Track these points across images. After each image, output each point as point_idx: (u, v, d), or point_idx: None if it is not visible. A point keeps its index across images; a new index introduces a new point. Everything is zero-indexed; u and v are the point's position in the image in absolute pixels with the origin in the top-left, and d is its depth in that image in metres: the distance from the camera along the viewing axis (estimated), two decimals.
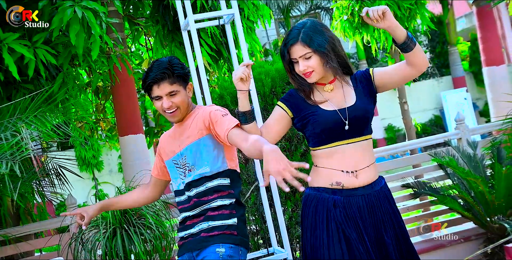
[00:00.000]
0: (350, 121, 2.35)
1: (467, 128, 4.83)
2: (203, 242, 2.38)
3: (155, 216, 3.63)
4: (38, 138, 4.02)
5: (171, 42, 4.93)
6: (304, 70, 2.36)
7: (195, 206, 2.44)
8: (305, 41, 2.33)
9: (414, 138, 6.70)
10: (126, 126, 5.16)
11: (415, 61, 2.33)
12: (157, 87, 2.41)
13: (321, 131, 2.38)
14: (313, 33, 2.35)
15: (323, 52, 2.34)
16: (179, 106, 2.44)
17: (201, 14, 3.23)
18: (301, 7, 17.36)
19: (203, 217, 2.41)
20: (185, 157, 2.47)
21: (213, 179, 2.42)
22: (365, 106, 2.39)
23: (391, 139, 16.24)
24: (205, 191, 2.42)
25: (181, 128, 2.53)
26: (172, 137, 2.58)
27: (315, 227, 2.39)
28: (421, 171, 4.96)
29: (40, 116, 3.71)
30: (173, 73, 2.41)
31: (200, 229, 2.41)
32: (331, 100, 2.41)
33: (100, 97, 6.59)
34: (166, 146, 2.61)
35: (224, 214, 2.40)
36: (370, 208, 2.40)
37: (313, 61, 2.35)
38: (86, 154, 13.68)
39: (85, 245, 3.41)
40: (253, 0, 4.76)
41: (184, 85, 2.47)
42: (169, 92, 2.41)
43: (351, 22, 5.97)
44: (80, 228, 3.39)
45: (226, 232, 2.38)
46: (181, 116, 2.48)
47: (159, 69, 2.39)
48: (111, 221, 3.44)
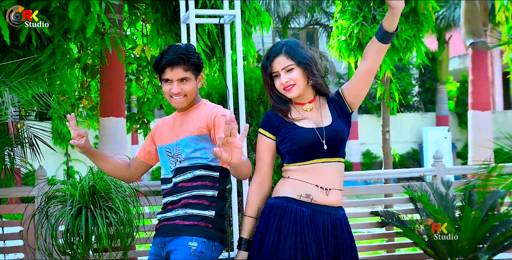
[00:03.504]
0: (327, 140, 2.33)
1: (443, 167, 4.91)
2: (176, 230, 2.36)
3: (123, 201, 3.60)
4: (19, 104, 3.98)
5: (167, 32, 4.90)
6: (286, 83, 2.33)
7: (178, 191, 2.43)
8: (289, 53, 2.34)
9: (390, 167, 6.76)
10: (109, 108, 5.13)
11: (382, 55, 2.33)
12: (170, 71, 2.40)
13: (298, 148, 2.34)
14: (296, 47, 2.37)
15: (306, 65, 2.33)
16: (187, 94, 2.44)
17: (203, 10, 3.24)
18: (301, 20, 17.48)
19: (182, 203, 2.40)
20: (179, 148, 2.47)
21: (201, 169, 2.42)
22: (340, 127, 2.38)
23: (367, 164, 16.38)
24: (192, 178, 2.42)
25: (182, 119, 2.53)
26: (171, 125, 2.58)
27: (278, 239, 2.30)
28: (392, 201, 5.01)
29: (25, 83, 3.68)
30: (189, 60, 2.42)
31: (176, 214, 2.40)
32: (309, 118, 2.39)
33: (87, 75, 6.54)
34: (162, 132, 2.61)
35: (203, 204, 2.39)
36: (333, 229, 2.35)
37: (295, 74, 2.33)
38: (63, 128, 13.50)
39: (48, 218, 3.37)
40: (256, 5, 4.78)
41: (196, 75, 2.48)
42: (181, 79, 2.42)
43: (348, 44, 6.03)
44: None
45: (201, 223, 2.36)
46: (186, 104, 2.48)
47: (176, 54, 2.39)
48: (78, 199, 3.41)
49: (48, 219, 3.37)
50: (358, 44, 5.97)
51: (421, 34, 5.99)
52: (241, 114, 3.34)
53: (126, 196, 3.65)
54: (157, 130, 2.64)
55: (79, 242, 3.29)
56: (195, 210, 2.38)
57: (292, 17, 16.54)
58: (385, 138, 6.81)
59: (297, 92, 2.36)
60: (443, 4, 14.86)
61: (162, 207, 2.54)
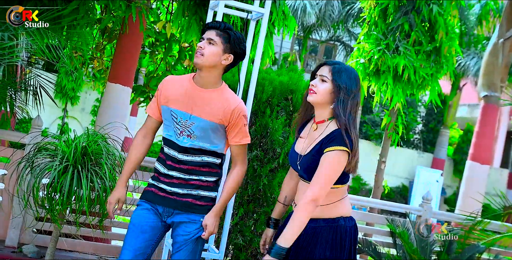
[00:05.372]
0: (301, 166, 2.51)
1: (430, 209, 4.89)
2: (188, 207, 2.61)
3: (111, 169, 3.56)
4: (32, 50, 3.95)
5: (192, 14, 4.87)
6: (311, 86, 2.48)
7: (188, 172, 2.61)
8: (334, 69, 2.45)
9: (378, 197, 6.74)
10: (118, 74, 5.12)
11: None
12: (208, 32, 2.59)
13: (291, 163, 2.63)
14: (344, 71, 2.45)
15: (339, 87, 2.42)
16: (205, 54, 2.54)
17: (234, 1, 3.23)
18: (323, 34, 17.49)
19: (193, 184, 2.62)
20: (193, 124, 2.57)
21: (209, 155, 2.62)
22: (312, 161, 2.44)
23: (355, 188, 16.37)
24: (202, 163, 2.61)
25: (199, 94, 2.58)
26: (183, 92, 2.60)
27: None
28: (372, 231, 4.98)
29: (43, 31, 3.65)
30: (225, 29, 2.58)
31: (188, 193, 2.61)
32: (306, 140, 2.54)
33: (104, 38, 6.50)
34: (170, 93, 2.63)
35: (210, 187, 2.65)
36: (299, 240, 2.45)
37: (323, 86, 2.44)
38: (67, 84, 13.43)
39: (33, 169, 3.32)
40: (285, 9, 4.76)
41: (225, 48, 2.57)
42: (210, 39, 2.55)
43: (366, 67, 6.02)
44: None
45: (209, 203, 2.65)
46: (201, 64, 2.55)
47: (222, 24, 2.59)
48: (68, 156, 3.36)
49: (34, 169, 3.32)
50: (376, 70, 5.95)
51: (438, 75, 5.99)
52: (247, 112, 3.31)
53: (115, 164, 3.61)
54: (163, 88, 2.67)
55: (59, 199, 3.24)
56: (206, 192, 2.64)
57: (315, 29, 16.52)
58: (380, 168, 6.80)
59: (314, 99, 2.47)
60: (465, 51, 14.88)
61: (164, 173, 2.63)
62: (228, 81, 3.71)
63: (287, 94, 3.70)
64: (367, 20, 6.30)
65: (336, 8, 15.56)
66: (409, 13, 5.92)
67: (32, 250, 4.17)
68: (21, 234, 4.19)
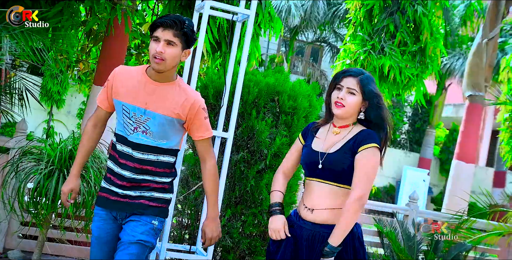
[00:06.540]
0: (323, 164, 2.45)
1: (417, 208, 4.91)
2: (140, 209, 2.52)
3: (97, 172, 3.54)
4: (16, 53, 3.91)
5: None
6: (340, 99, 2.45)
7: (144, 172, 2.52)
8: (362, 82, 2.44)
9: None
10: (104, 77, 5.07)
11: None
12: (161, 30, 2.42)
13: (302, 162, 2.58)
14: (371, 81, 2.46)
15: (368, 98, 2.43)
16: (166, 59, 2.42)
17: (219, 3, 3.23)
18: (309, 35, 17.50)
19: (147, 187, 2.54)
20: (149, 119, 2.47)
21: (165, 154, 2.54)
22: (341, 159, 2.43)
23: None
24: (157, 163, 2.53)
25: (153, 87, 2.48)
26: (135, 85, 2.50)
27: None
28: None
29: (27, 33, 3.62)
30: (182, 28, 2.42)
31: (141, 195, 2.53)
32: (325, 141, 2.50)
33: (89, 40, 6.47)
34: (121, 84, 2.52)
35: (165, 188, 2.58)
36: (311, 242, 2.46)
37: (352, 99, 2.44)
38: (53, 87, 13.29)
39: (18, 173, 3.29)
40: (271, 10, 4.76)
41: (183, 46, 2.46)
42: (168, 41, 2.41)
43: None
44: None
45: (163, 205, 2.58)
46: (164, 69, 2.44)
47: (173, 18, 2.42)
48: (53, 160, 3.34)
49: (18, 174, 3.29)
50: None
51: (424, 75, 6.04)
52: (233, 114, 3.32)
53: (101, 168, 3.59)
54: (114, 80, 2.55)
55: (45, 203, 3.22)
56: (160, 193, 2.56)
57: (301, 30, 16.54)
58: None
59: (342, 113, 2.47)
60: (450, 51, 15.00)
61: (117, 173, 2.52)
62: (214, 83, 3.70)
63: (273, 96, 3.70)
64: (353, 21, 6.34)
65: (321, 9, 15.60)
66: (394, 14, 5.97)
67: (18, 255, 4.13)
68: (7, 239, 4.15)
